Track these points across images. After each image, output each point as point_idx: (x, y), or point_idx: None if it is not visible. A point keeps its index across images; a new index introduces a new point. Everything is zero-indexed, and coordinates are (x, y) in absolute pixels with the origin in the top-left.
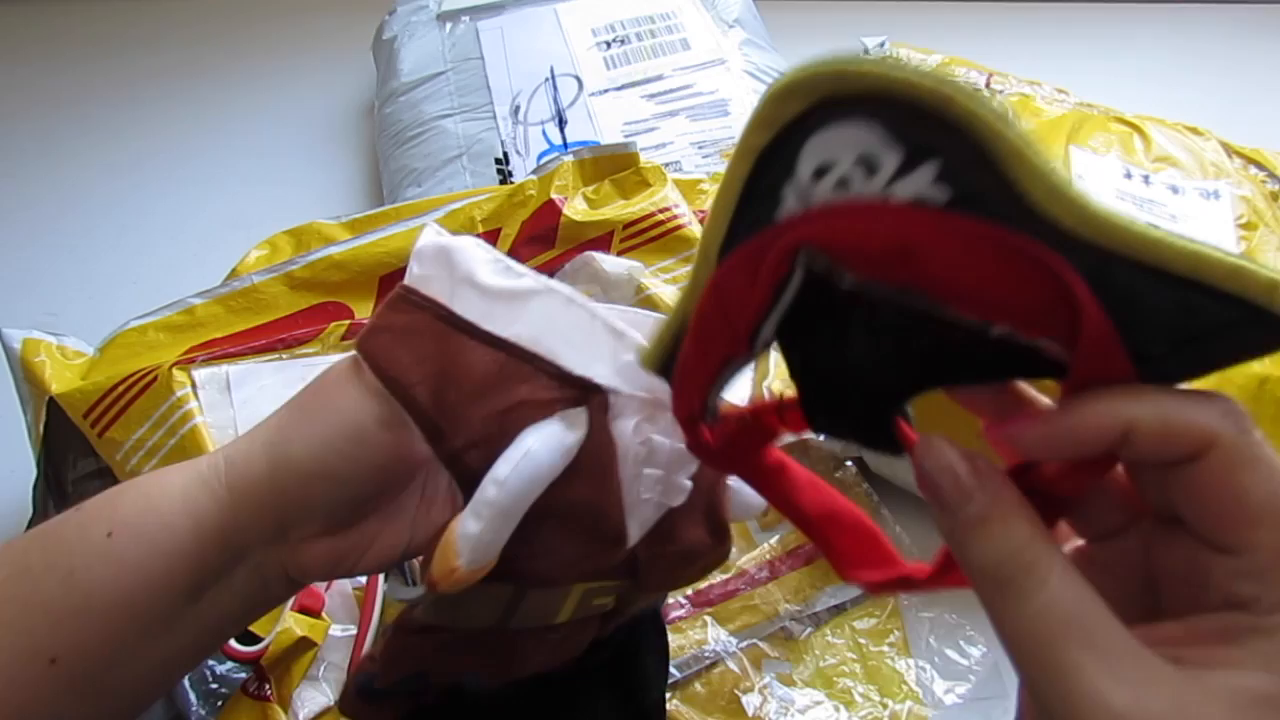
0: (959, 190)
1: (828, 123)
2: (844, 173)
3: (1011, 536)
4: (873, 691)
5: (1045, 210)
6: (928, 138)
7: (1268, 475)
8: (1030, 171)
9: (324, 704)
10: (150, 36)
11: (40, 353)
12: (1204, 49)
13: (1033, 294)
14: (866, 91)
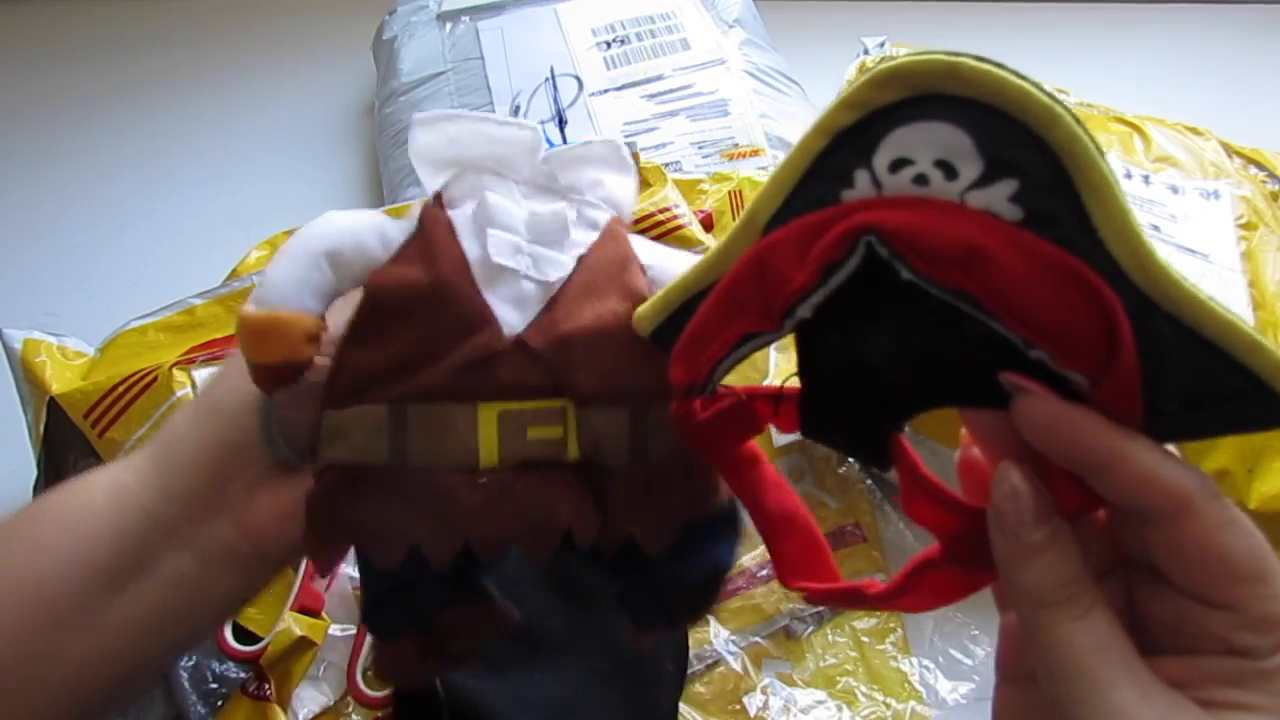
0: (1033, 211)
1: (916, 119)
2: (923, 170)
3: (1064, 570)
4: (875, 691)
5: (1110, 248)
6: (1013, 154)
7: (1245, 534)
8: (1109, 208)
9: (324, 704)
10: (150, 36)
11: (41, 353)
12: (1204, 49)
13: (1081, 324)
14: (974, 92)
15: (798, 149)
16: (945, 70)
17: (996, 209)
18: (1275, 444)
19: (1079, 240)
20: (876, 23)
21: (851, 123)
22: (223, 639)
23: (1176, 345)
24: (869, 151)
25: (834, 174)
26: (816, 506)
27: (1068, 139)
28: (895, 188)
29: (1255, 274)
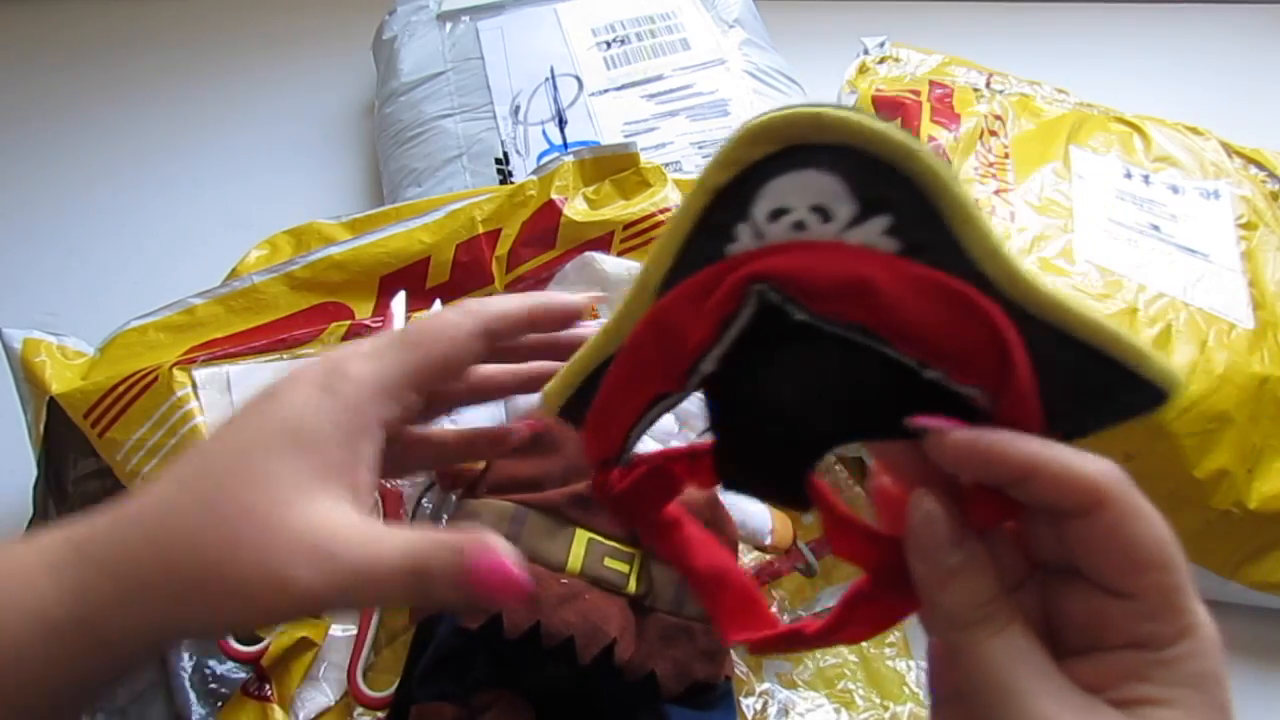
0: (907, 242)
1: (788, 169)
2: (800, 217)
3: (979, 590)
4: (874, 693)
5: (983, 268)
6: (883, 192)
7: (1151, 524)
8: (975, 232)
9: (324, 704)
10: (150, 36)
11: (40, 353)
12: (1204, 49)
13: (968, 339)
14: (838, 138)
15: (681, 210)
16: (810, 121)
17: (874, 243)
18: (1275, 444)
19: (954, 263)
20: (876, 23)
21: (728, 180)
22: (224, 639)
23: (1056, 348)
24: (747, 204)
25: (717, 230)
26: None
27: (927, 171)
28: (776, 236)
29: (1255, 274)
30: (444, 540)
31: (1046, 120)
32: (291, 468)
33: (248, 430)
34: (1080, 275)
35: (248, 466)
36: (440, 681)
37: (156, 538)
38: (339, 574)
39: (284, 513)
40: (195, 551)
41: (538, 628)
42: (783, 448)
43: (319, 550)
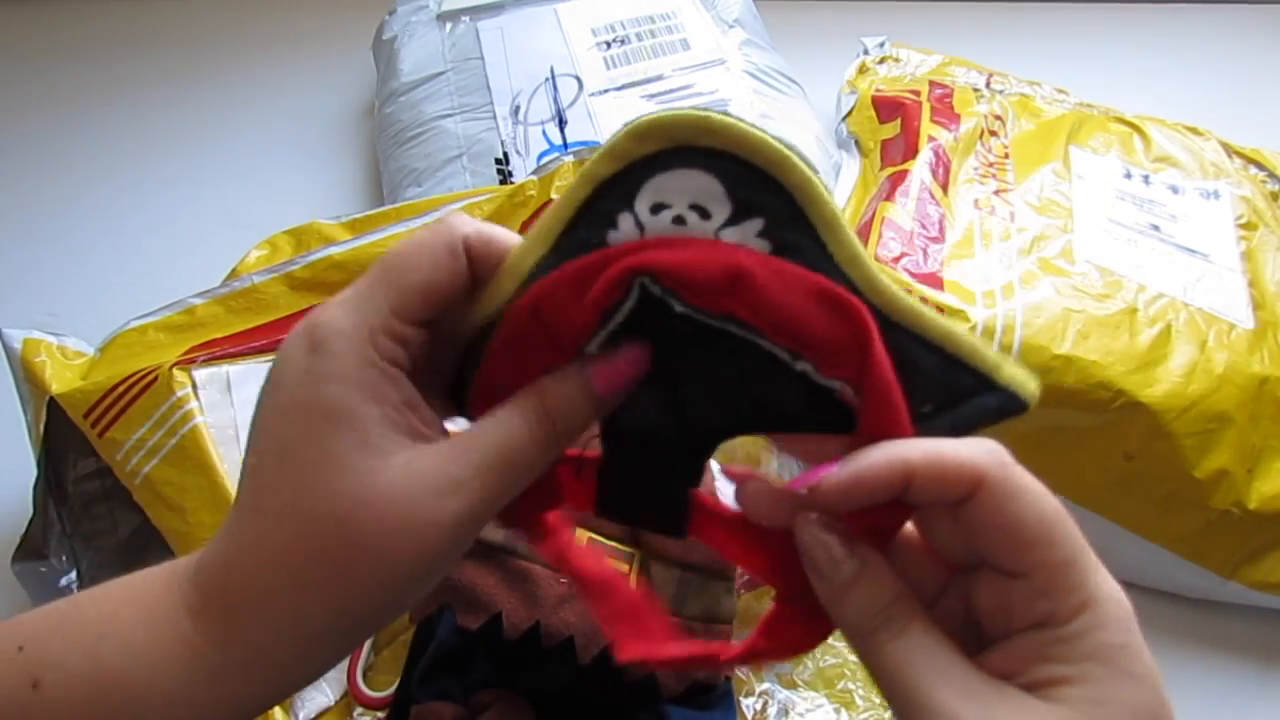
0: (778, 243)
1: (672, 167)
2: (680, 213)
3: (876, 597)
4: (873, 693)
5: (846, 271)
6: (756, 196)
7: (1033, 502)
8: (839, 239)
9: (324, 704)
10: (150, 36)
11: (40, 353)
12: (1204, 49)
13: (834, 330)
14: (721, 143)
15: (564, 197)
16: (696, 124)
17: (748, 242)
18: (1275, 444)
19: (821, 265)
20: (876, 23)
21: (614, 172)
22: None
23: (915, 353)
24: (630, 197)
25: (599, 218)
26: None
27: (802, 181)
28: (656, 228)
29: (1255, 274)
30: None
31: (1046, 120)
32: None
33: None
34: (1080, 275)
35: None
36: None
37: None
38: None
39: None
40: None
41: (538, 628)
42: (665, 447)
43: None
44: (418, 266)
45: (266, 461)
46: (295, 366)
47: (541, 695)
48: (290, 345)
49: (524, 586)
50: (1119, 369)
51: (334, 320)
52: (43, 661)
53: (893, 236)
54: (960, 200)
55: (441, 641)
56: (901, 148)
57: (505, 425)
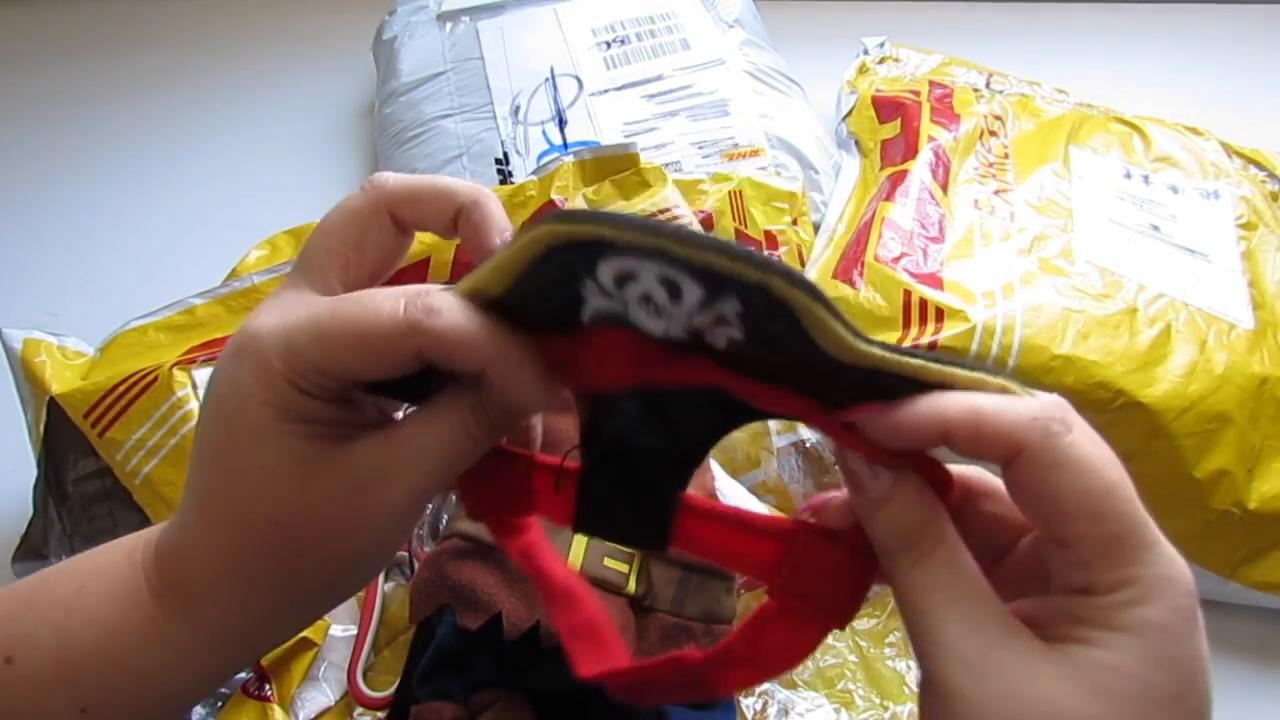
0: (756, 331)
1: (625, 254)
2: (648, 289)
3: (907, 515)
4: (874, 693)
5: (835, 356)
6: (729, 288)
7: (1075, 474)
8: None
9: (324, 704)
10: (150, 36)
11: (41, 353)
12: (1204, 49)
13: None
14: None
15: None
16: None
17: (726, 317)
18: (1275, 444)
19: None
20: (876, 23)
21: (565, 235)
22: None
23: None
24: (592, 266)
25: (560, 270)
26: None
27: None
28: (624, 299)
29: (1255, 274)
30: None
31: (1046, 120)
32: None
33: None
34: (1080, 275)
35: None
36: (440, 681)
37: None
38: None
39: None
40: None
41: (538, 628)
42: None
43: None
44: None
45: (203, 466)
46: (223, 374)
47: (541, 695)
48: (225, 351)
49: (524, 586)
50: (1119, 369)
51: (260, 331)
52: (14, 638)
53: (893, 236)
54: (960, 200)
55: (441, 641)
56: (901, 148)
57: (441, 414)
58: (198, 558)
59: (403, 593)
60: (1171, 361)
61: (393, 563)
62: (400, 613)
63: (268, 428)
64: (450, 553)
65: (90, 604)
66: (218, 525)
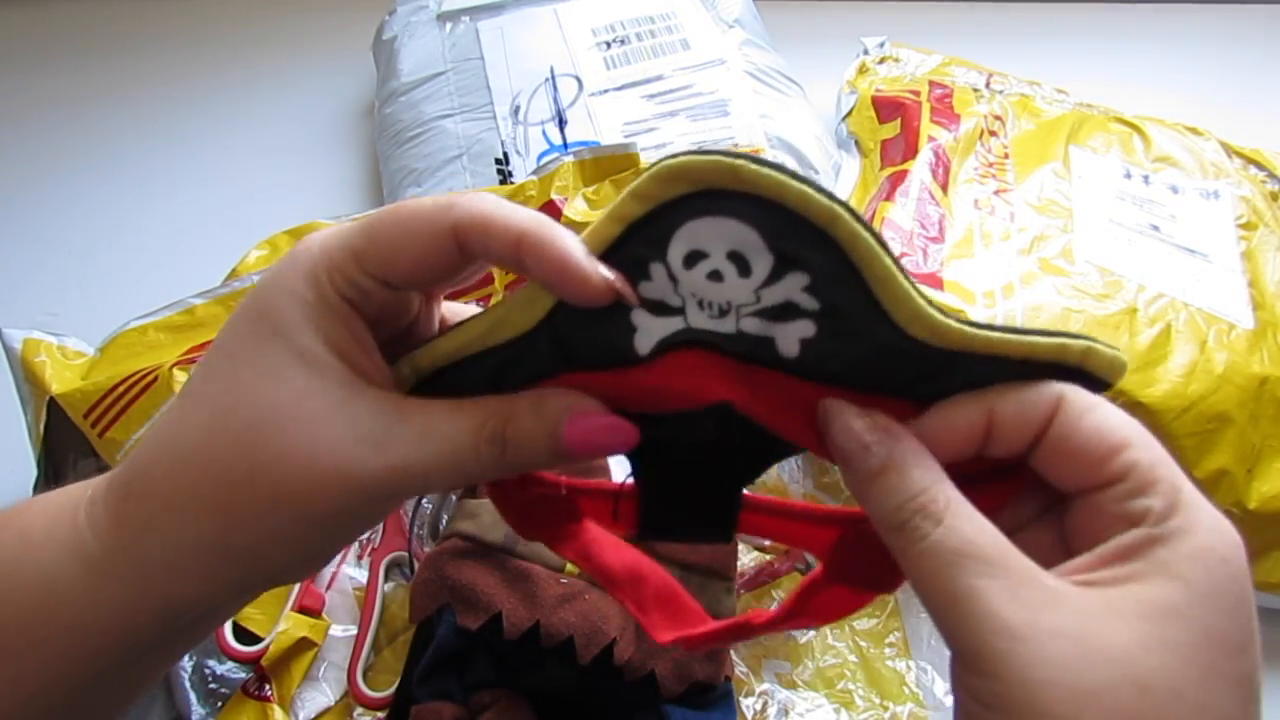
0: (827, 303)
1: (706, 213)
2: (717, 265)
3: (907, 484)
4: (873, 693)
5: (908, 330)
6: (799, 250)
7: (1112, 411)
8: (897, 297)
9: (324, 704)
10: (150, 36)
11: (41, 353)
12: (1204, 49)
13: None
14: (757, 191)
15: (591, 236)
16: (727, 170)
17: (794, 299)
18: (1275, 444)
19: (875, 329)
20: (876, 23)
21: (643, 214)
22: (223, 639)
23: (988, 367)
24: (664, 242)
25: (630, 265)
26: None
27: (849, 235)
28: (692, 284)
29: (1255, 274)
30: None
31: (1046, 120)
32: (289, 357)
33: (232, 326)
34: (1080, 275)
35: (243, 366)
36: (440, 681)
37: (178, 454)
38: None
39: (308, 403)
40: (222, 460)
41: (537, 628)
42: (711, 476)
43: (371, 434)
44: (406, 232)
45: (214, 351)
46: (268, 272)
47: (541, 695)
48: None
49: (524, 586)
50: None
51: (313, 239)
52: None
53: (893, 237)
54: (960, 200)
55: (441, 641)
56: (901, 148)
57: (455, 427)
58: (153, 455)
59: (403, 593)
60: (1171, 361)
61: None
62: (400, 613)
63: (290, 323)
64: (450, 553)
65: (32, 533)
66: (195, 413)
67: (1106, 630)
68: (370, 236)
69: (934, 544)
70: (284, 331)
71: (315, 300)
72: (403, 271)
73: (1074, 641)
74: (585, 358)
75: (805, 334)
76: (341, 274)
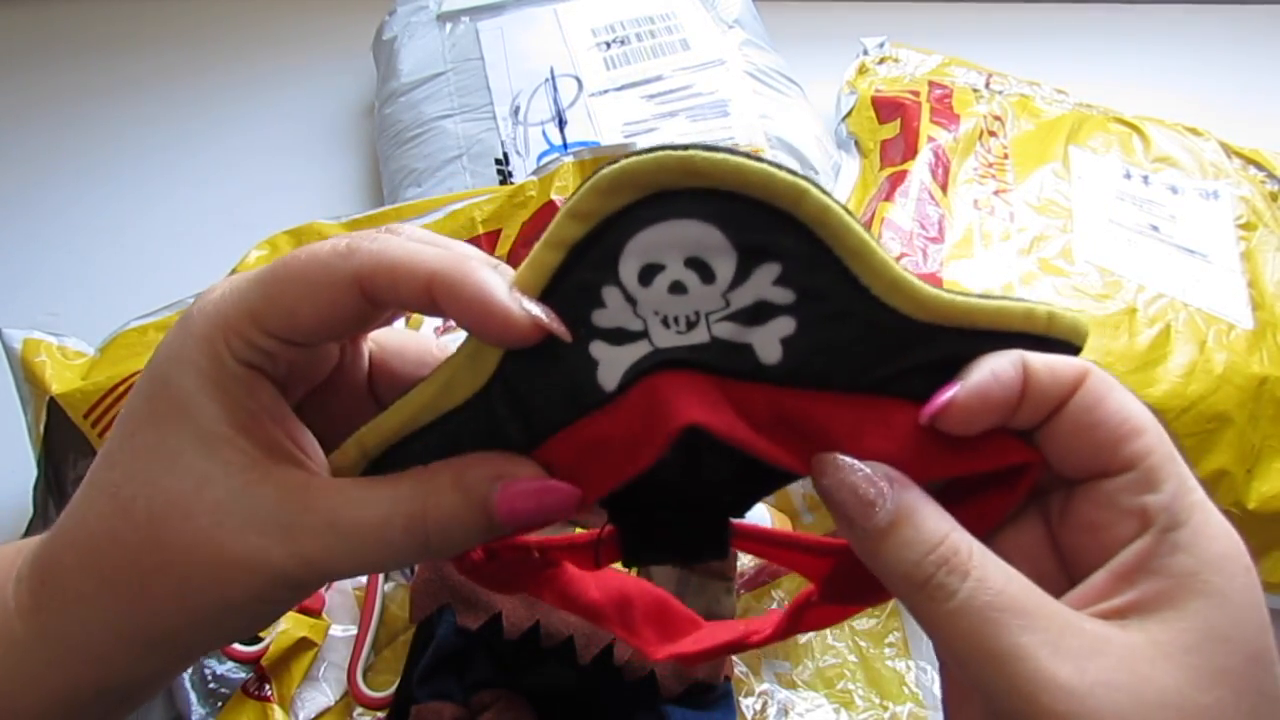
0: (802, 291)
1: (656, 219)
2: (677, 276)
3: (924, 535)
4: (873, 693)
5: (887, 301)
6: (766, 238)
7: (1130, 394)
8: (874, 268)
9: (324, 704)
10: (150, 36)
11: (41, 353)
12: (1204, 49)
13: None
14: (714, 183)
15: (528, 268)
16: (677, 166)
17: (766, 296)
18: (1274, 444)
19: (856, 306)
20: (876, 23)
21: (584, 234)
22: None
23: (969, 344)
24: (613, 262)
25: (578, 295)
26: (818, 506)
27: (818, 210)
28: (653, 301)
29: (1255, 274)
30: (438, 480)
31: (1046, 121)
32: (190, 448)
33: (131, 404)
34: (1080, 275)
35: (140, 452)
36: (440, 681)
37: (86, 544)
38: (305, 545)
39: (220, 501)
40: (130, 551)
41: (537, 628)
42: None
43: (276, 523)
44: (304, 283)
45: (115, 431)
46: (162, 343)
47: (541, 695)
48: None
49: None
50: (1118, 369)
51: (208, 300)
52: None
53: (892, 237)
54: (960, 200)
55: (441, 641)
56: (901, 148)
57: (365, 515)
58: (63, 543)
59: (403, 593)
60: (1171, 362)
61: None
62: (400, 613)
63: (188, 399)
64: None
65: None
66: (98, 504)
67: (1156, 673)
68: (265, 293)
69: (965, 602)
70: (182, 408)
71: (212, 370)
72: (305, 328)
73: (1127, 692)
74: (547, 413)
75: (784, 332)
76: (239, 337)
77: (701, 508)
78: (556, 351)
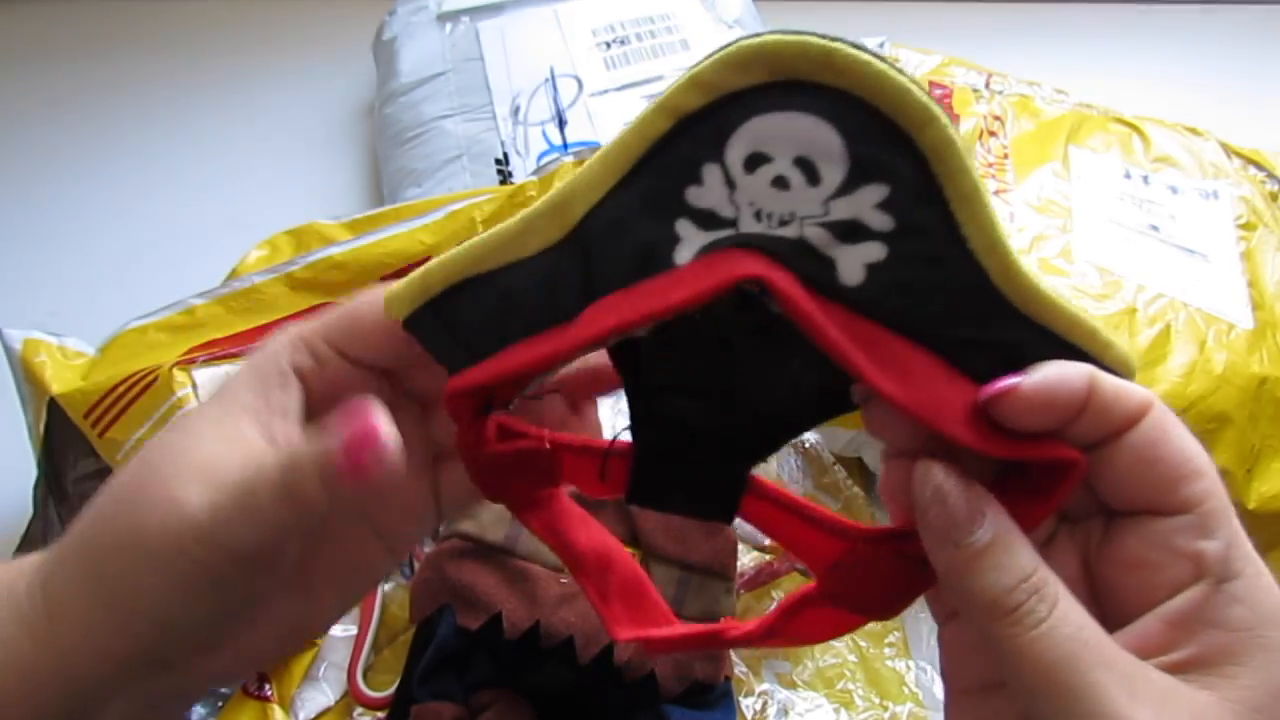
0: (902, 221)
1: (776, 108)
2: (782, 171)
3: (1019, 564)
4: (873, 693)
5: (980, 260)
6: (882, 156)
7: (1190, 433)
8: (979, 220)
9: (324, 704)
10: (150, 36)
11: (41, 353)
12: (1204, 49)
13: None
14: (847, 83)
15: (632, 131)
16: (819, 55)
17: (864, 218)
18: (1274, 444)
19: (950, 255)
20: (876, 23)
21: (700, 106)
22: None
23: (1035, 340)
24: (721, 141)
25: (679, 167)
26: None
27: (941, 143)
28: (754, 192)
29: (1255, 274)
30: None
31: (1046, 121)
32: (207, 416)
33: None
34: (1079, 275)
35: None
36: (440, 681)
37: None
38: (222, 489)
39: (189, 452)
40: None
41: (538, 628)
42: (718, 445)
43: (205, 469)
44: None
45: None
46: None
47: (541, 695)
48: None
49: (524, 586)
50: None
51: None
52: None
53: None
54: None
55: (441, 641)
56: None
57: (253, 480)
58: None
59: (403, 593)
60: (1171, 361)
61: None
62: (400, 613)
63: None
64: (450, 553)
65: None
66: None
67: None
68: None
69: (1049, 631)
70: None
71: (260, 368)
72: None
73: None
74: (611, 280)
75: (872, 258)
76: (305, 346)
77: (726, 443)
78: (648, 213)
